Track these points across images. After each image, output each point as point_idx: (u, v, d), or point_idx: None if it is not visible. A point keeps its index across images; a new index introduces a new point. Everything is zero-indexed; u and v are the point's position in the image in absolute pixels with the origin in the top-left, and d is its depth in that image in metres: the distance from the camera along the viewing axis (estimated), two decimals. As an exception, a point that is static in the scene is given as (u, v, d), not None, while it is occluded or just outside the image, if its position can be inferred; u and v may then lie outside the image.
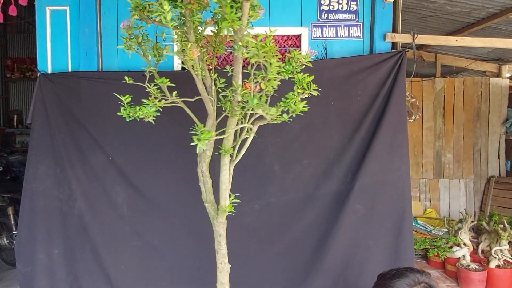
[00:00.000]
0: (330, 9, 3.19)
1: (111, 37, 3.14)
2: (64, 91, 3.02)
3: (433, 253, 4.05)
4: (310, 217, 3.04)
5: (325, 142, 3.06)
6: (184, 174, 3.04)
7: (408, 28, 3.34)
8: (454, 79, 5.64)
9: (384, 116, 3.01)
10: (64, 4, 3.10)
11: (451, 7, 4.29)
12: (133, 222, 3.04)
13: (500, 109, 5.56)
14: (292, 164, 3.06)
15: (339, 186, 3.05)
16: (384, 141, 3.02)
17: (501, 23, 4.56)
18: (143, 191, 3.05)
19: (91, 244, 3.00)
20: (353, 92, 3.07)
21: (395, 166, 3.04)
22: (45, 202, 2.99)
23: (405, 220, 3.03)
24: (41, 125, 3.01)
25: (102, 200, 3.03)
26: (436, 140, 5.50)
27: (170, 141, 3.05)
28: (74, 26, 3.11)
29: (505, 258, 3.66)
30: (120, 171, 3.03)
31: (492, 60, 6.02)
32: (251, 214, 3.02)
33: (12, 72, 7.58)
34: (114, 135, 3.03)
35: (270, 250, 3.03)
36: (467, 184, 5.54)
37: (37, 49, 3.13)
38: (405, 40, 3.16)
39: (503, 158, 5.57)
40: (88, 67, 3.10)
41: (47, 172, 3.00)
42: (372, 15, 3.19)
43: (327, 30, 3.20)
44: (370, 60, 3.08)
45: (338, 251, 2.98)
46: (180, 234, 3.05)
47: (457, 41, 3.27)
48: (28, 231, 2.99)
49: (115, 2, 3.14)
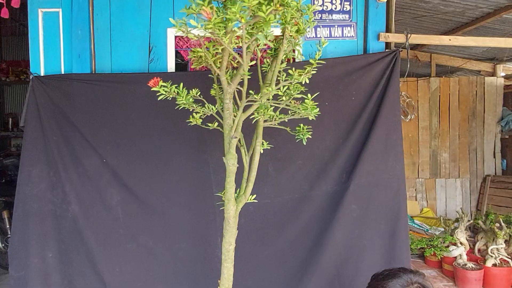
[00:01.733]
0: (324, 9, 3.19)
1: (104, 39, 3.13)
2: (57, 94, 3.00)
3: (430, 253, 4.05)
4: (305, 218, 3.03)
5: (320, 143, 3.05)
6: (179, 175, 3.03)
7: (403, 28, 3.35)
8: (449, 79, 5.65)
9: (379, 116, 3.01)
10: (57, 6, 3.08)
11: (445, 7, 4.30)
12: (127, 225, 3.02)
13: (495, 108, 5.58)
14: (287, 165, 3.05)
15: (334, 187, 3.04)
16: (379, 141, 3.02)
17: (495, 23, 4.58)
18: (138, 193, 3.03)
19: (86, 247, 2.98)
20: (347, 92, 3.07)
21: (390, 166, 3.04)
22: (38, 206, 2.97)
23: (400, 220, 3.03)
24: (34, 128, 2.99)
25: (96, 203, 3.01)
26: (432, 139, 5.51)
27: (165, 142, 3.04)
28: (66, 28, 3.09)
29: (502, 256, 3.66)
30: (114, 173, 3.01)
31: (486, 59, 6.05)
32: (245, 216, 3.01)
33: (7, 75, 7.54)
34: (107, 137, 3.01)
35: (265, 252, 3.01)
36: (464, 183, 5.55)
37: (30, 51, 3.11)
38: (398, 39, 3.17)
39: (498, 157, 5.59)
40: (81, 69, 3.09)
41: (40, 175, 2.97)
42: (366, 15, 3.19)
43: (321, 30, 3.20)
44: (364, 60, 3.08)
45: (333, 251, 2.97)
46: (175, 236, 3.03)
47: (451, 41, 3.28)
48: (21, 235, 2.96)
49: (108, 4, 3.12)
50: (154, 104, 2.93)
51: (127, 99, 3.02)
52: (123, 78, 3.05)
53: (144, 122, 3.02)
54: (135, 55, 3.14)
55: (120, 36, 3.13)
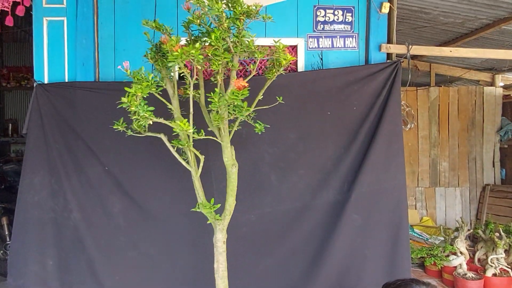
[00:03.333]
0: (326, 20, 3.23)
1: (108, 47, 3.15)
2: (60, 101, 3.01)
3: (430, 262, 4.05)
4: (307, 227, 3.04)
5: (322, 152, 3.06)
6: (180, 184, 3.03)
7: (403, 38, 3.39)
8: (449, 88, 5.70)
9: (380, 126, 3.03)
10: (62, 15, 3.11)
11: (444, 18, 4.35)
12: (129, 233, 3.02)
13: (494, 117, 5.62)
14: (289, 174, 3.06)
15: (336, 196, 3.05)
16: (380, 151, 3.04)
17: (494, 34, 4.63)
18: (139, 201, 3.03)
19: (87, 255, 2.97)
20: (349, 102, 3.09)
21: (391, 176, 3.05)
22: (39, 213, 2.97)
23: (401, 229, 3.04)
24: (36, 135, 3.00)
25: (97, 211, 3.01)
26: (432, 148, 5.54)
27: (166, 151, 3.05)
28: (71, 37, 3.11)
29: (502, 266, 3.66)
30: (116, 181, 3.02)
31: (485, 69, 6.10)
32: (247, 225, 3.01)
33: (8, 81, 7.55)
34: (110, 145, 3.02)
35: (267, 261, 3.01)
36: (463, 192, 5.56)
37: (34, 59, 3.13)
38: (400, 51, 3.20)
39: (498, 166, 5.61)
40: (85, 77, 3.10)
41: (42, 183, 2.98)
42: (367, 26, 3.23)
43: (323, 41, 3.23)
44: (365, 71, 3.10)
45: (335, 261, 2.97)
46: (176, 244, 3.03)
47: (451, 52, 3.32)
48: (22, 243, 2.96)
49: (112, 13, 3.15)
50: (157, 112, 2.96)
51: (131, 107, 3.03)
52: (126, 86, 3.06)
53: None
54: (138, 64, 3.14)
55: (124, 45, 3.16)
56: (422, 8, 4.19)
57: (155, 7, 3.15)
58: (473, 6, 3.87)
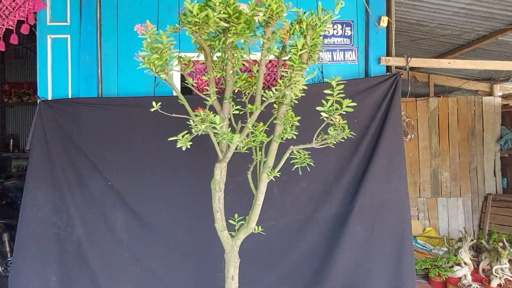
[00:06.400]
0: (326, 34, 3.28)
1: (111, 63, 3.20)
2: (63, 117, 3.04)
3: (434, 273, 4.01)
4: (310, 239, 3.03)
5: (324, 164, 3.08)
6: (183, 199, 3.04)
7: (401, 50, 3.44)
8: (448, 99, 5.74)
9: (381, 137, 3.05)
10: (65, 32, 3.16)
11: (442, 30, 4.42)
12: (132, 248, 3.01)
13: (494, 127, 5.64)
14: (291, 187, 3.06)
15: (339, 208, 3.05)
16: (382, 163, 3.05)
17: (491, 45, 4.69)
18: (142, 216, 3.03)
19: (90, 271, 2.96)
20: (350, 115, 3.11)
21: (393, 187, 3.06)
22: (42, 229, 2.97)
23: (405, 241, 3.03)
24: (40, 151, 3.01)
25: (100, 226, 3.01)
26: (432, 158, 5.55)
27: (170, 165, 3.06)
28: (74, 54, 3.16)
29: (506, 276, 3.64)
30: (119, 196, 3.02)
31: (483, 79, 6.15)
32: (250, 238, 2.99)
33: (9, 97, 7.62)
34: (113, 161, 3.03)
35: (271, 275, 3.00)
36: (465, 202, 5.55)
37: (38, 76, 3.17)
38: (399, 63, 3.24)
39: (499, 176, 5.62)
40: (88, 93, 3.14)
41: (45, 198, 2.98)
42: (367, 40, 3.28)
43: (323, 54, 3.28)
44: (366, 83, 3.14)
45: (339, 273, 2.96)
46: (179, 259, 3.02)
47: (450, 64, 3.36)
48: (24, 258, 2.95)
49: (115, 30, 3.20)
50: (159, 127, 2.98)
51: (133, 122, 3.06)
52: (129, 101, 3.10)
53: (149, 145, 3.05)
54: (141, 80, 3.20)
55: (126, 61, 3.20)
56: (419, 21, 4.25)
57: (157, 23, 3.19)
58: (469, 19, 3.94)
